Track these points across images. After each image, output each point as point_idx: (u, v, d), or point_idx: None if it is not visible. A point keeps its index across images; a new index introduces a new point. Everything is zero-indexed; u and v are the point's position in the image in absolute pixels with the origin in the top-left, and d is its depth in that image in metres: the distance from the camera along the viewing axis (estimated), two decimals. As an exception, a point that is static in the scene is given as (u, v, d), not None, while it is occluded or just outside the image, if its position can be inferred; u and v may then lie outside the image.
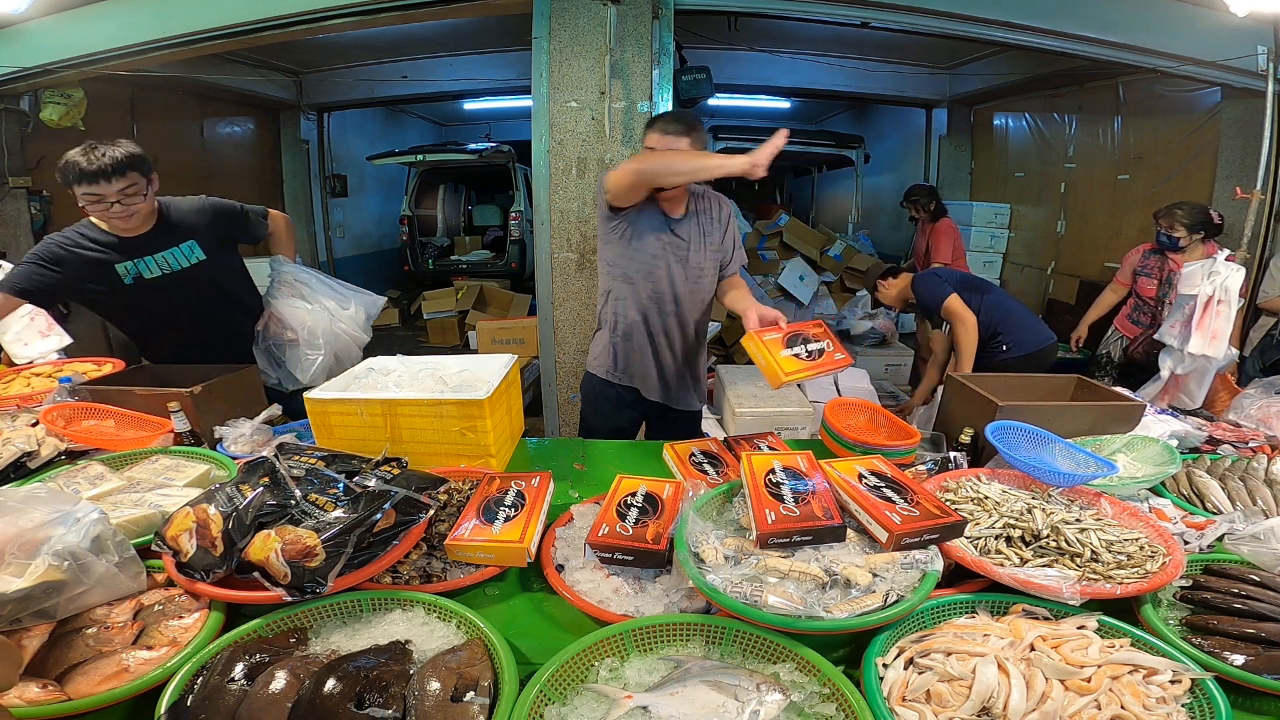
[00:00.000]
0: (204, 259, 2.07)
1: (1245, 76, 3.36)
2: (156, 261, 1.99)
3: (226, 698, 0.83)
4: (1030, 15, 3.19)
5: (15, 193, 4.21)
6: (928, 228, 4.72)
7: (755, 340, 1.68)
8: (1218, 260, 2.22)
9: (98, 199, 1.80)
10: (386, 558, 1.10)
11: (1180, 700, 0.87)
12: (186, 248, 2.04)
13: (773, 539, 1.06)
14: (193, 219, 2.07)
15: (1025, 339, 2.87)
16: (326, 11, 3.13)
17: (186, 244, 2.04)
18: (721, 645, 0.97)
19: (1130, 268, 3.47)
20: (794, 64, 5.74)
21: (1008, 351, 2.82)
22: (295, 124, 6.75)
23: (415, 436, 1.54)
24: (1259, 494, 1.47)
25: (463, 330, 6.49)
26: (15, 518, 0.97)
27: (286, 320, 2.12)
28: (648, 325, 2.03)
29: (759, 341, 1.68)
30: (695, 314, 2.06)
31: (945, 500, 1.31)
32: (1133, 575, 1.07)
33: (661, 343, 2.05)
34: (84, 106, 4.28)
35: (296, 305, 2.14)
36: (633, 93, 2.87)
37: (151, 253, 1.99)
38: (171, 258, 2.02)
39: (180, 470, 1.48)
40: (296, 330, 2.11)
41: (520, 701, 0.82)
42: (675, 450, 1.70)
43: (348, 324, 2.17)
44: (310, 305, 2.14)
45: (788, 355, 1.66)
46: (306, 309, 2.13)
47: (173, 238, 2.02)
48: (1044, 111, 5.59)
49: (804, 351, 1.67)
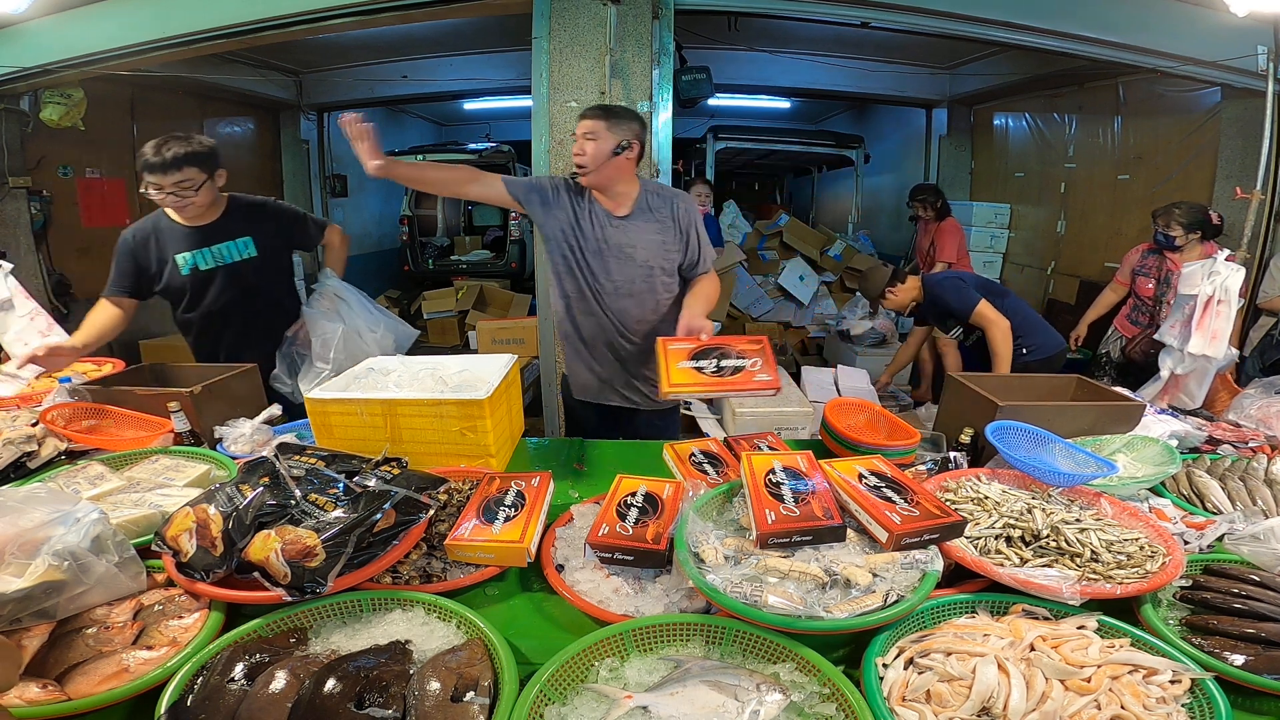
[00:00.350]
0: (255, 256, 2.16)
1: (1245, 76, 3.36)
2: (212, 254, 2.11)
3: (226, 698, 0.83)
4: (1030, 15, 3.18)
5: (15, 193, 4.20)
6: (932, 227, 4.71)
7: (661, 347, 1.67)
8: (1218, 260, 2.22)
9: (156, 188, 1.97)
10: (386, 558, 1.10)
11: (1180, 700, 0.87)
12: (242, 243, 2.14)
13: (773, 539, 1.06)
14: (254, 217, 2.19)
15: (1045, 342, 2.89)
16: (326, 11, 3.12)
17: (243, 240, 2.14)
18: (721, 645, 0.97)
19: (1129, 267, 3.49)
20: (794, 64, 5.73)
21: (1028, 355, 2.82)
22: (295, 124, 6.74)
23: (415, 436, 1.55)
24: (1259, 494, 1.47)
25: (463, 330, 6.49)
26: (15, 518, 0.97)
27: (313, 330, 2.16)
28: (575, 325, 2.04)
29: (663, 349, 1.67)
30: (639, 312, 2.01)
31: (945, 500, 1.31)
32: (1133, 575, 1.07)
33: (595, 342, 2.04)
34: (84, 106, 4.28)
35: (327, 319, 2.17)
36: (633, 93, 2.87)
37: (209, 245, 2.10)
38: (226, 251, 2.12)
39: (180, 470, 1.48)
40: (314, 341, 2.14)
41: (520, 701, 0.82)
42: (675, 450, 1.70)
43: (371, 347, 2.18)
44: (338, 323, 2.17)
45: (686, 367, 1.61)
46: (332, 326, 2.16)
47: (232, 232, 2.13)
48: (1044, 111, 5.59)
49: (712, 366, 1.61)
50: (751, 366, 1.61)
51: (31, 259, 4.33)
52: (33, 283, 4.15)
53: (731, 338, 1.70)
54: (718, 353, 1.64)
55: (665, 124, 2.95)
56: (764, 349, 1.67)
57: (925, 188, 4.91)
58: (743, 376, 1.60)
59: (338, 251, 2.38)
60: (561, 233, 1.97)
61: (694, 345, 1.67)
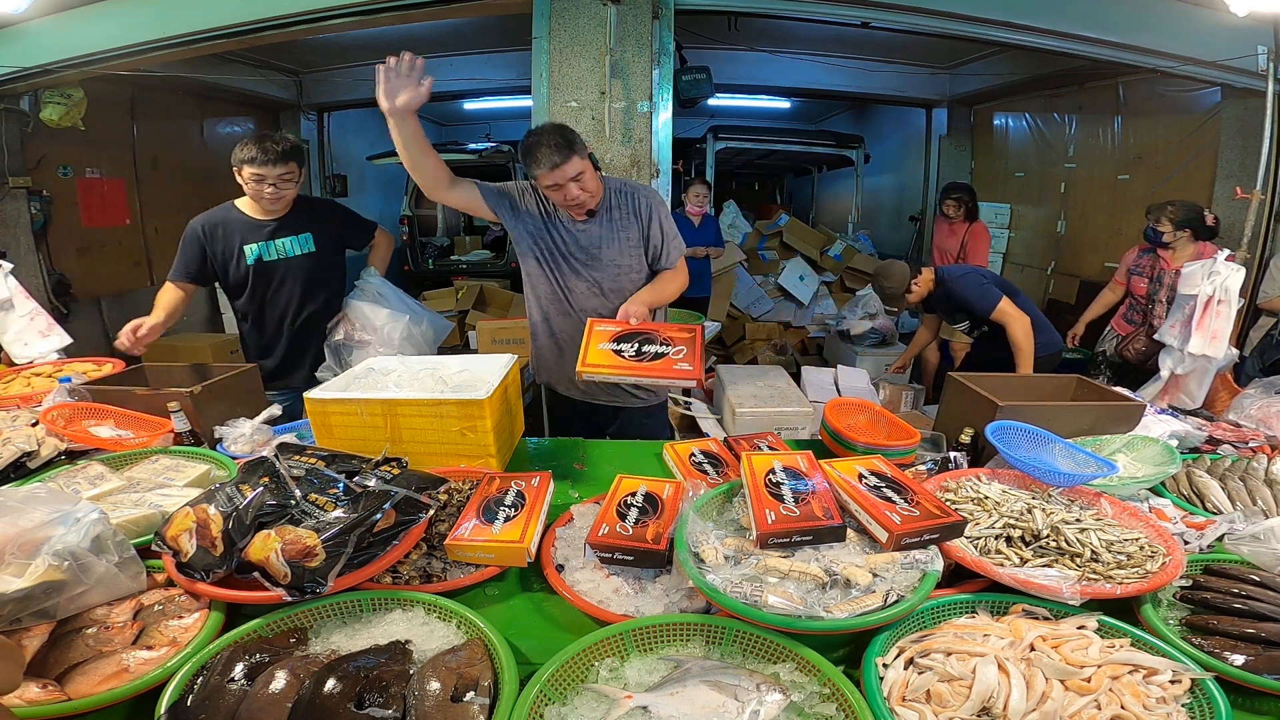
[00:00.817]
0: (314, 251, 2.30)
1: (1245, 76, 3.36)
2: (276, 247, 2.26)
3: (226, 698, 0.83)
4: (1030, 15, 3.19)
5: (15, 193, 4.20)
6: (962, 227, 4.60)
7: (588, 328, 1.69)
8: (1218, 260, 2.22)
9: (260, 179, 2.12)
10: (386, 558, 1.10)
11: (1180, 700, 0.87)
12: (303, 238, 2.29)
13: (773, 539, 1.06)
14: (316, 215, 2.34)
15: (1049, 340, 2.91)
16: (326, 11, 3.12)
17: (304, 235, 2.29)
18: (721, 645, 0.97)
19: (1125, 267, 3.50)
20: (794, 64, 5.73)
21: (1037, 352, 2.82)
22: (295, 124, 6.74)
23: (415, 436, 1.54)
24: (1259, 494, 1.47)
25: (463, 330, 6.49)
26: (15, 518, 0.97)
27: (365, 322, 2.26)
28: (550, 326, 2.07)
29: (589, 329, 1.68)
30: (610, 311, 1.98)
31: (945, 500, 1.31)
32: (1133, 575, 1.07)
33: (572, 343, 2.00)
34: (84, 106, 4.28)
35: (378, 311, 2.27)
36: (633, 93, 2.87)
37: (275, 238, 2.25)
38: (288, 245, 2.27)
39: (180, 470, 1.48)
40: (375, 331, 2.24)
41: (520, 701, 0.82)
42: (675, 450, 1.70)
43: (419, 339, 2.31)
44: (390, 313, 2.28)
45: (605, 349, 1.62)
46: (388, 314, 2.27)
47: (296, 228, 2.28)
48: (1044, 111, 5.59)
49: (631, 350, 1.62)
50: (674, 354, 1.60)
51: (31, 259, 4.32)
52: (33, 283, 4.15)
53: (665, 325, 1.69)
54: (641, 337, 1.64)
55: (665, 124, 2.95)
56: (694, 338, 1.66)
57: (960, 186, 4.73)
58: (663, 364, 1.59)
59: (382, 251, 2.49)
60: (531, 237, 1.98)
61: (620, 328, 1.67)
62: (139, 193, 5.18)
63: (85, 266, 4.77)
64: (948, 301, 3.04)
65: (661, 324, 1.69)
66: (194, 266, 2.24)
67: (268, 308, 2.32)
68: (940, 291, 3.04)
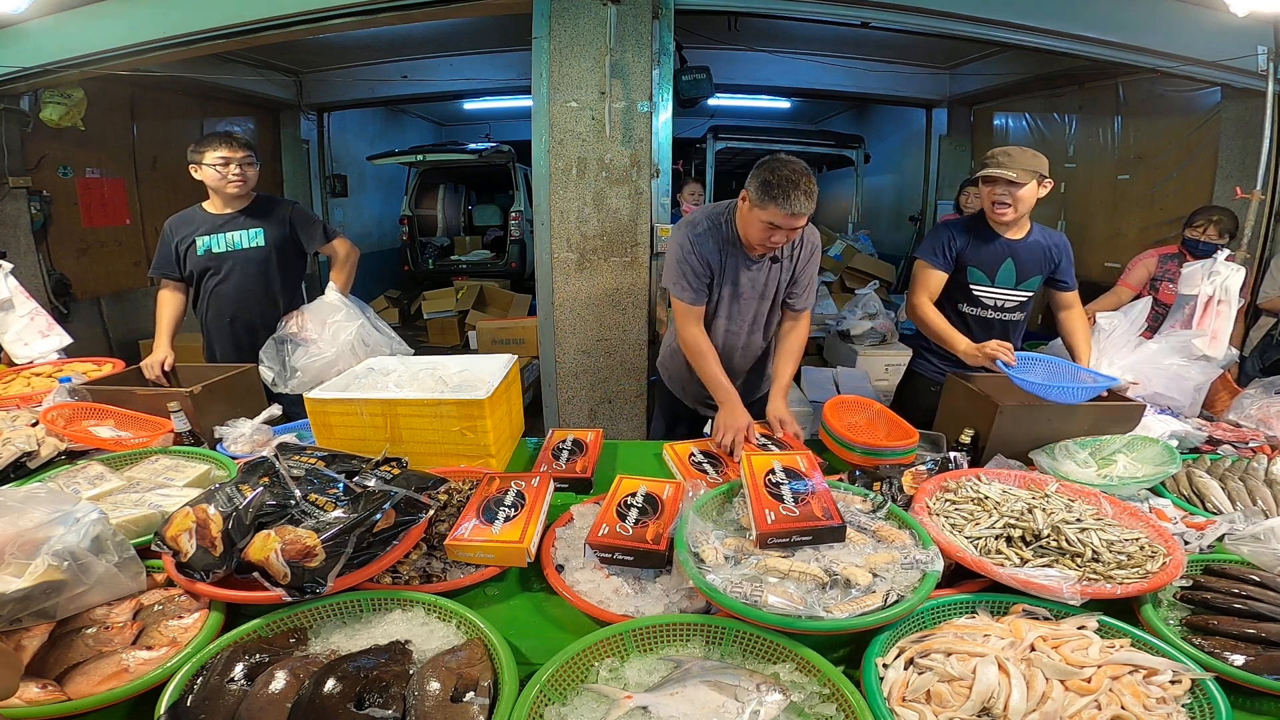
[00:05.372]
0: (262, 247, 2.35)
1: (1245, 76, 3.35)
2: (225, 239, 2.32)
3: (226, 698, 0.83)
4: (1031, 15, 3.18)
5: (15, 193, 4.20)
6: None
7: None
8: (1218, 260, 2.21)
9: (226, 161, 2.22)
10: (386, 558, 1.10)
11: (1180, 700, 0.87)
12: (254, 233, 2.34)
13: (772, 539, 1.06)
14: (268, 212, 2.38)
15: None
16: (326, 11, 3.12)
17: (255, 230, 2.34)
18: (721, 645, 0.97)
19: (1146, 274, 3.20)
20: (794, 64, 5.72)
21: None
22: (295, 124, 6.74)
23: (415, 436, 1.54)
24: (1259, 494, 1.47)
25: (463, 330, 6.49)
26: (15, 518, 0.97)
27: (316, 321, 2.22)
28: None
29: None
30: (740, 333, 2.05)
31: (945, 500, 1.31)
32: (1133, 575, 1.07)
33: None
34: (84, 106, 4.28)
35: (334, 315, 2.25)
36: (633, 93, 2.87)
37: (225, 230, 2.32)
38: (237, 238, 2.33)
39: (180, 470, 1.48)
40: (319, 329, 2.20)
41: (520, 702, 0.82)
42: (675, 450, 1.70)
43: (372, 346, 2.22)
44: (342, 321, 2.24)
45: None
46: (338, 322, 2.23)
47: (247, 223, 2.34)
48: (1044, 111, 5.59)
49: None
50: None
51: (31, 259, 4.33)
52: (33, 283, 4.15)
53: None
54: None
55: (665, 124, 2.95)
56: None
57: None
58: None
59: (341, 263, 2.43)
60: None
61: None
62: (139, 193, 5.18)
63: (85, 266, 4.77)
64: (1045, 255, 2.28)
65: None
66: (166, 261, 2.34)
67: (212, 301, 2.37)
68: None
